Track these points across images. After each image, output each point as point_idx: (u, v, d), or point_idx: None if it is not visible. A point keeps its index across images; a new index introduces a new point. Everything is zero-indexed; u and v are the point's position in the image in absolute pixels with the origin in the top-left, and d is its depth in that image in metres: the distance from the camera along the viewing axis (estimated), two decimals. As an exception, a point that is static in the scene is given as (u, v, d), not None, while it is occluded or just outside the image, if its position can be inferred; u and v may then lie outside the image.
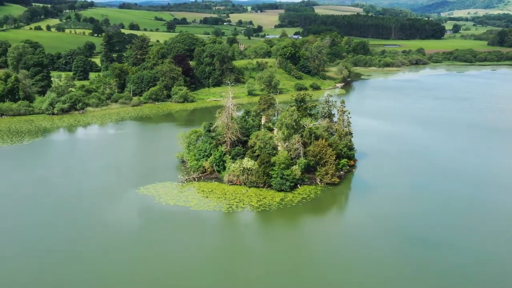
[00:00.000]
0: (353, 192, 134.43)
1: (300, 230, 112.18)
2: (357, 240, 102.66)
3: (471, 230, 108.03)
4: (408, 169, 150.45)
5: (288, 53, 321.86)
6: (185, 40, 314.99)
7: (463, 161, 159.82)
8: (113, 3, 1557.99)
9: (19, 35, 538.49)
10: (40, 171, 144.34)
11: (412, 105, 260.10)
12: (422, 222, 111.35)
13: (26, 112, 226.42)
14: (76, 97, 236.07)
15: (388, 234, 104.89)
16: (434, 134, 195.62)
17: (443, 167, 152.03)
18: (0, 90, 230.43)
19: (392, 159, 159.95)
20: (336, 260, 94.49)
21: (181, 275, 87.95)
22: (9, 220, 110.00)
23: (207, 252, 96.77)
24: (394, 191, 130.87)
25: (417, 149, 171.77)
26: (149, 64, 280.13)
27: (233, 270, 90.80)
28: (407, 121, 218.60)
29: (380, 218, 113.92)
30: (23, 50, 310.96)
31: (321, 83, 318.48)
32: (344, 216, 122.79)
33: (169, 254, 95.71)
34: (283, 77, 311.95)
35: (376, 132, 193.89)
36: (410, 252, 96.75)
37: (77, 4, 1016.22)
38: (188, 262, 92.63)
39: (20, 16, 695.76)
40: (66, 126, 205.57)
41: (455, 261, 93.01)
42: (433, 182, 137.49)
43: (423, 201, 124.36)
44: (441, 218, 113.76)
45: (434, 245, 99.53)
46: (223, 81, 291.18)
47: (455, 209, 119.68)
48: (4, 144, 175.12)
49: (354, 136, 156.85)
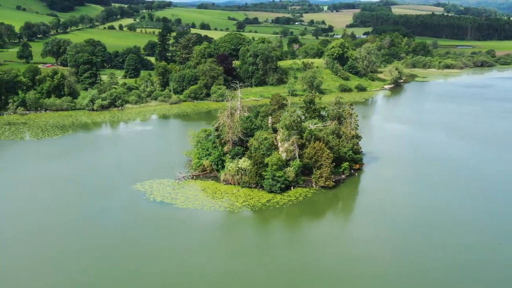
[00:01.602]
0: (346, 197, 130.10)
1: (264, 234, 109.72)
2: (317, 249, 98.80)
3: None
4: (419, 179, 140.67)
5: (336, 54, 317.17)
6: (232, 40, 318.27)
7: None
8: (193, 3, 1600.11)
9: (91, 34, 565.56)
10: (52, 165, 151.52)
11: (455, 110, 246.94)
12: (402, 240, 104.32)
13: (68, 107, 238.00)
14: (116, 94, 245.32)
15: (362, 246, 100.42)
16: (468, 144, 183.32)
17: (465, 179, 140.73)
18: (47, 86, 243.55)
19: (406, 167, 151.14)
20: (292, 267, 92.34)
21: (127, 271, 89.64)
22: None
23: (157, 250, 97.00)
24: (389, 199, 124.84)
25: (441, 159, 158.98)
26: (193, 63, 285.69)
27: (188, 267, 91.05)
28: (442, 129, 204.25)
29: (358, 225, 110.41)
30: (80, 49, 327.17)
31: (368, 84, 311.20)
32: (318, 222, 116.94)
33: (122, 248, 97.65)
34: (329, 77, 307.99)
35: (402, 139, 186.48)
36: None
37: (154, 4, 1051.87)
38: (135, 258, 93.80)
39: (97, 16, 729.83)
40: (99, 122, 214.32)
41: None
42: (435, 192, 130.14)
43: (413, 208, 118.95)
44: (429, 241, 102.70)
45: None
46: (266, 81, 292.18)
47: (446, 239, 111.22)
48: (33, 137, 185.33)
49: (376, 141, 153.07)
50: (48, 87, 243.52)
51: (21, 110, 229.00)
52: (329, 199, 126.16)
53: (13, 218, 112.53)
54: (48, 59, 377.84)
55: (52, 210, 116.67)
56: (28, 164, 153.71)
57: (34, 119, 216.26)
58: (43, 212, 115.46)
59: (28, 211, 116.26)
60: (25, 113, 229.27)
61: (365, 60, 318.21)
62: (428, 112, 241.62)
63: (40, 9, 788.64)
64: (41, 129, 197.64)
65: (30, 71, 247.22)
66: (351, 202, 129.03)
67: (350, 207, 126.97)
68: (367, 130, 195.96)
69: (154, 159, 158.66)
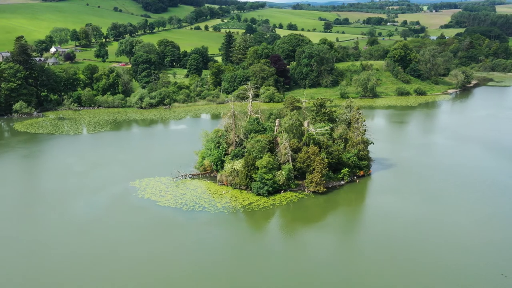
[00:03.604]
0: (332, 205, 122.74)
1: (220, 237, 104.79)
2: (269, 263, 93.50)
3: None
4: (425, 197, 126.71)
5: (397, 56, 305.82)
6: (290, 41, 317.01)
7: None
8: (289, 4, 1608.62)
9: (175, 34, 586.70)
10: (69, 160, 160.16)
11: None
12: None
13: (119, 105, 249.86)
14: (165, 93, 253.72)
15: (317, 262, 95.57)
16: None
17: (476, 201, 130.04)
18: (102, 84, 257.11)
19: (418, 182, 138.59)
20: (248, 276, 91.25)
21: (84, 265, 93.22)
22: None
23: (118, 246, 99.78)
24: (375, 214, 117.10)
25: (462, 178, 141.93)
26: (246, 63, 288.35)
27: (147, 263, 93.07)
28: (484, 143, 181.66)
29: (322, 237, 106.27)
30: (148, 49, 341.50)
31: (429, 88, 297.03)
32: (282, 229, 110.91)
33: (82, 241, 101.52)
34: (388, 80, 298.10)
35: (430, 149, 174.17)
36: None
37: (247, 5, 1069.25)
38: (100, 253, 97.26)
39: (186, 17, 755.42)
40: (139, 119, 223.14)
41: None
42: (434, 216, 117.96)
43: (400, 228, 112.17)
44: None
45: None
46: (320, 82, 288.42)
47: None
48: (72, 133, 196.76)
49: (398, 149, 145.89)
50: (103, 85, 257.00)
51: (74, 106, 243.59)
52: (313, 206, 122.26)
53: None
54: (122, 58, 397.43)
55: (47, 200, 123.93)
56: (48, 158, 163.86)
57: (83, 115, 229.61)
58: (40, 199, 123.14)
59: (26, 201, 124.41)
60: (79, 109, 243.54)
61: (428, 62, 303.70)
62: (479, 121, 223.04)
63: (136, 10, 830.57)
64: (87, 124, 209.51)
65: (88, 69, 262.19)
66: (332, 212, 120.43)
67: (327, 217, 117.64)
68: (393, 136, 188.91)
69: (167, 157, 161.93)
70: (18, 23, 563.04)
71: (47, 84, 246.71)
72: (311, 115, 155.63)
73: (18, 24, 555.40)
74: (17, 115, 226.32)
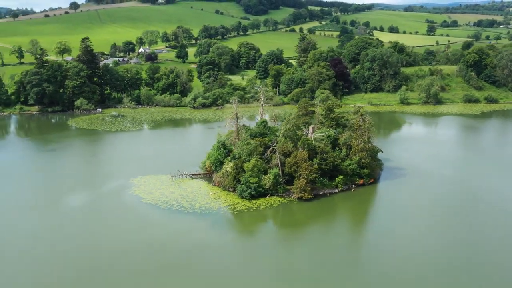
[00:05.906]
0: (312, 213, 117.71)
1: (182, 238, 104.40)
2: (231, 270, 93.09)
3: None
4: (425, 218, 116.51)
5: (471, 61, 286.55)
6: (358, 44, 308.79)
7: None
8: (400, 6, 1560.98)
9: (265, 36, 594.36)
10: (84, 158, 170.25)
11: None
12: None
13: (174, 104, 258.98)
14: (218, 94, 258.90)
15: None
16: None
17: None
18: (162, 84, 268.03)
19: (421, 198, 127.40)
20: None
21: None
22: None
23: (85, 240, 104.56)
24: (357, 228, 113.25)
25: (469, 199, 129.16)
26: (306, 66, 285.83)
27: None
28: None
29: (274, 249, 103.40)
30: (221, 50, 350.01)
31: (504, 96, 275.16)
32: (246, 236, 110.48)
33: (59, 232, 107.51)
34: (458, 86, 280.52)
35: (452, 164, 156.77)
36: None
37: (352, 7, 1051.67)
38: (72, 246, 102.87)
39: (283, 19, 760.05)
40: (186, 119, 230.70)
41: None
42: (421, 240, 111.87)
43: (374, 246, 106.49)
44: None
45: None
46: (382, 87, 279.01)
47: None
48: (106, 128, 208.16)
49: (416, 160, 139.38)
50: (163, 85, 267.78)
51: (132, 104, 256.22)
52: (288, 213, 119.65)
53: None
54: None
55: (49, 190, 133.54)
56: (72, 152, 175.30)
57: (136, 113, 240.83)
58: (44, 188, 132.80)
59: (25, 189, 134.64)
60: (136, 107, 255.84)
61: (506, 68, 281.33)
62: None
63: (236, 13, 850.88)
64: (134, 122, 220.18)
65: (150, 70, 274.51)
66: (305, 220, 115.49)
67: (298, 226, 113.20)
68: (424, 146, 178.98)
69: (182, 155, 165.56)
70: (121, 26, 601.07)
71: (110, 82, 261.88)
72: (321, 120, 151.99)
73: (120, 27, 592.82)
74: (78, 111, 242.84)
